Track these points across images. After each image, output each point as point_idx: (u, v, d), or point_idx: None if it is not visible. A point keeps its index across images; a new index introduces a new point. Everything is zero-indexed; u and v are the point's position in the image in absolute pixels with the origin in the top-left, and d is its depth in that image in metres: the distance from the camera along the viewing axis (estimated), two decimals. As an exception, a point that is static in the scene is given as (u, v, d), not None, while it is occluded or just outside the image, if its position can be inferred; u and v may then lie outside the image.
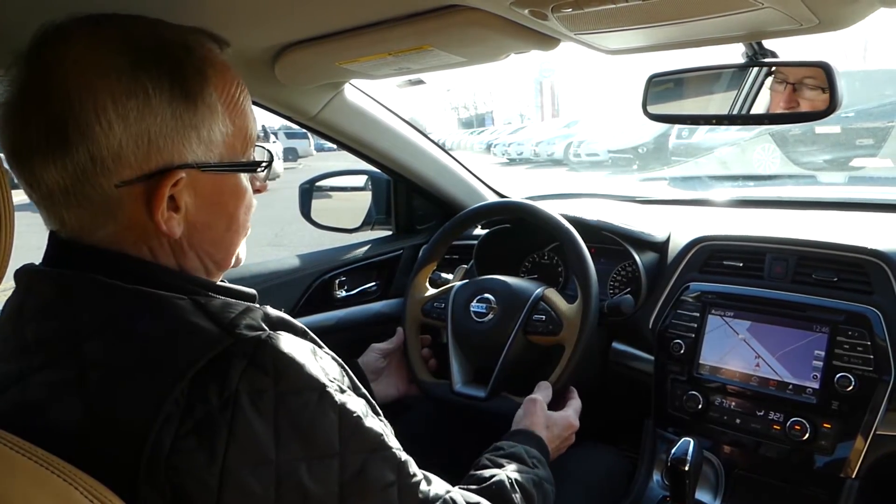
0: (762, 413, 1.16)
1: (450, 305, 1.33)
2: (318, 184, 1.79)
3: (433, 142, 1.69)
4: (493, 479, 0.81)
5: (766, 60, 0.99)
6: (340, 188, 1.86)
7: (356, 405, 0.61)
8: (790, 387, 1.13)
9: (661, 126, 10.01)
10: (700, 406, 1.21)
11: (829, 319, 1.13)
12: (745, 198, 1.72)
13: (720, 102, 1.07)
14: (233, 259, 0.71)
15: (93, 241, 0.61)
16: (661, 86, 1.14)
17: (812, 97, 1.00)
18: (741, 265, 1.28)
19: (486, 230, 1.64)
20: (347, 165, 1.86)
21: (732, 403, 1.19)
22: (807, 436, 1.10)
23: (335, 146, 1.59)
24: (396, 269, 1.74)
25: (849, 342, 1.10)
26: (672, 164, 10.94)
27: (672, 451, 0.99)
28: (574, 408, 1.16)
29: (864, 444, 1.06)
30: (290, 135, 19.24)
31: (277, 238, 7.21)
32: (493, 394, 1.22)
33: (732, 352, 1.20)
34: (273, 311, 0.64)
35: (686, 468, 0.97)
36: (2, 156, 0.61)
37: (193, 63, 0.62)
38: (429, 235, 1.61)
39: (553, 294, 1.28)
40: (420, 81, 1.38)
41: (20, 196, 0.62)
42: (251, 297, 0.68)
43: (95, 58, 0.58)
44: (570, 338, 1.21)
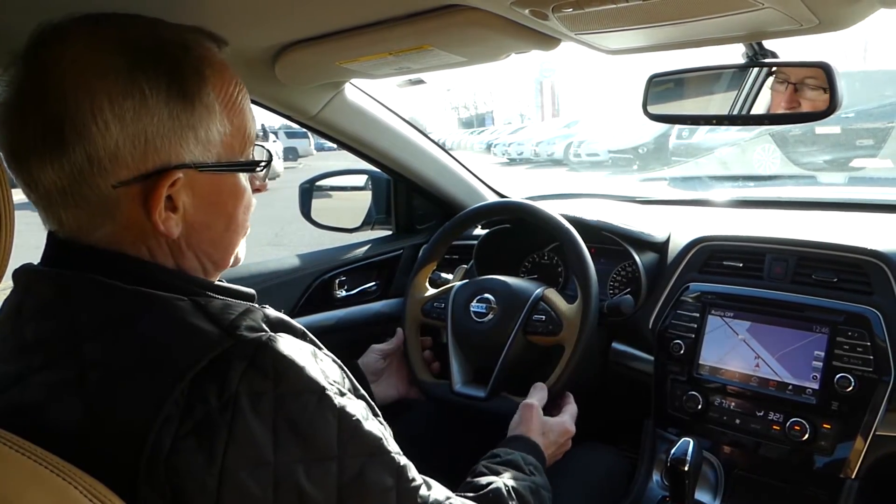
0: (762, 413, 1.16)
1: (450, 305, 1.33)
2: (319, 183, 1.78)
3: (433, 142, 1.68)
4: (491, 487, 0.80)
5: (767, 61, 0.99)
6: (340, 188, 1.86)
7: (355, 408, 0.61)
8: (790, 387, 1.13)
9: (662, 126, 10.02)
10: (700, 406, 1.21)
11: (829, 320, 1.13)
12: (745, 198, 1.72)
13: (720, 103, 1.07)
14: (231, 259, 0.71)
15: (91, 242, 0.61)
16: (662, 86, 1.14)
17: (813, 97, 1.00)
18: (741, 265, 1.28)
19: (486, 230, 1.64)
20: (347, 165, 1.86)
21: (732, 404, 1.19)
22: (806, 436, 1.10)
23: (335, 146, 1.59)
24: (396, 269, 1.74)
25: (848, 343, 1.10)
26: (672, 165, 10.93)
27: (672, 452, 0.99)
28: (570, 413, 1.16)
29: (864, 445, 1.06)
30: (291, 134, 19.23)
31: (277, 238, 7.20)
32: (493, 394, 1.22)
33: (732, 352, 1.20)
34: (272, 312, 0.64)
35: (686, 468, 0.97)
36: (1, 155, 0.61)
37: (191, 63, 0.62)
38: (429, 235, 1.61)
39: (553, 294, 1.28)
40: (420, 81, 1.38)
41: (20, 195, 0.62)
42: (250, 297, 0.68)
43: (93, 58, 0.58)
44: (570, 338, 1.21)
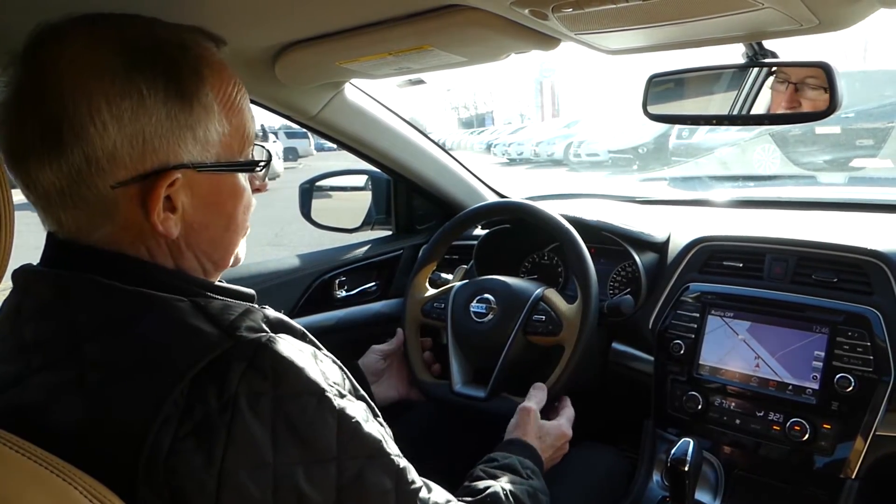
0: (762, 414, 1.16)
1: (450, 306, 1.33)
2: (318, 184, 1.78)
3: (433, 142, 1.68)
4: (489, 492, 0.80)
5: (767, 61, 0.99)
6: (340, 188, 1.86)
7: (355, 410, 0.61)
8: (790, 387, 1.13)
9: (662, 126, 10.02)
10: (700, 406, 1.21)
11: (829, 320, 1.13)
12: (745, 198, 1.72)
13: (720, 103, 1.07)
14: (231, 259, 0.71)
15: (90, 242, 0.61)
16: (662, 86, 1.14)
17: (814, 97, 1.00)
18: (741, 266, 1.28)
19: (486, 230, 1.64)
20: (347, 165, 1.86)
21: (732, 404, 1.19)
22: (806, 436, 1.10)
23: (335, 146, 1.59)
24: (396, 269, 1.74)
25: (848, 343, 1.10)
26: (672, 165, 10.93)
27: (672, 452, 0.99)
28: (567, 416, 1.16)
29: (864, 445, 1.06)
30: (291, 134, 19.23)
31: (277, 238, 7.20)
32: (493, 394, 1.22)
33: (732, 352, 1.20)
34: (272, 313, 0.64)
35: (686, 468, 0.97)
36: (1, 156, 0.61)
37: (189, 63, 0.62)
38: (429, 235, 1.61)
39: (553, 294, 1.28)
40: (420, 81, 1.38)
41: (20, 196, 0.62)
42: (249, 298, 0.68)
43: (90, 58, 0.58)
44: (570, 338, 1.21)
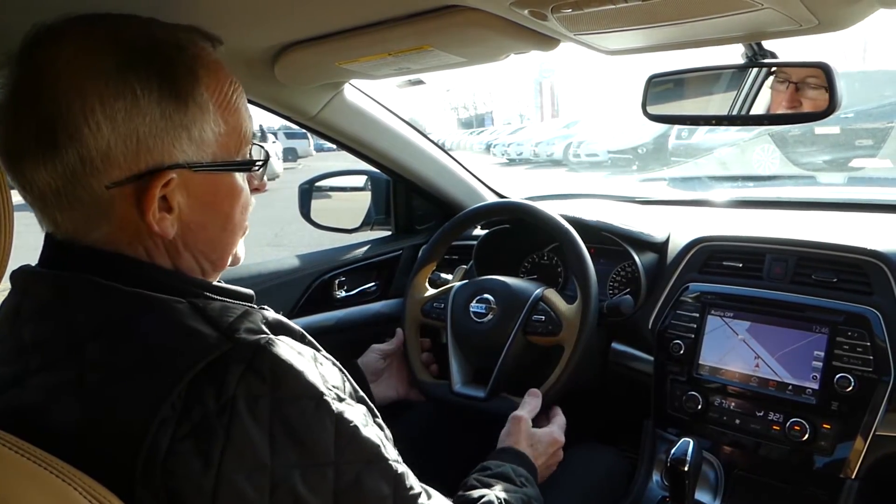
0: (762, 413, 1.16)
1: (449, 306, 1.33)
2: (318, 184, 1.78)
3: (433, 142, 1.68)
4: (483, 500, 0.79)
5: (766, 61, 0.99)
6: (340, 188, 1.86)
7: (354, 414, 0.60)
8: (790, 387, 1.13)
9: (661, 126, 10.03)
10: (699, 406, 1.21)
11: (829, 320, 1.13)
12: (745, 198, 1.72)
13: (720, 103, 1.07)
14: (230, 259, 0.70)
15: (88, 243, 0.61)
16: (661, 86, 1.14)
17: (815, 96, 0.99)
18: (741, 266, 1.28)
19: (486, 230, 1.64)
20: (347, 165, 1.86)
21: (732, 404, 1.19)
22: (806, 436, 1.10)
23: (335, 146, 1.59)
24: (396, 270, 1.74)
25: (848, 343, 1.10)
26: (671, 165, 10.94)
27: (671, 452, 0.99)
28: (558, 424, 1.15)
29: (864, 445, 1.06)
30: (290, 135, 19.24)
31: (277, 238, 7.20)
32: (493, 394, 1.22)
33: (732, 352, 1.20)
34: (271, 314, 0.64)
35: (685, 468, 0.97)
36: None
37: (184, 62, 0.61)
38: (428, 235, 1.61)
39: (553, 294, 1.28)
40: (420, 81, 1.38)
41: (20, 196, 0.62)
42: (248, 298, 0.68)
43: (86, 59, 0.58)
44: (570, 338, 1.21)
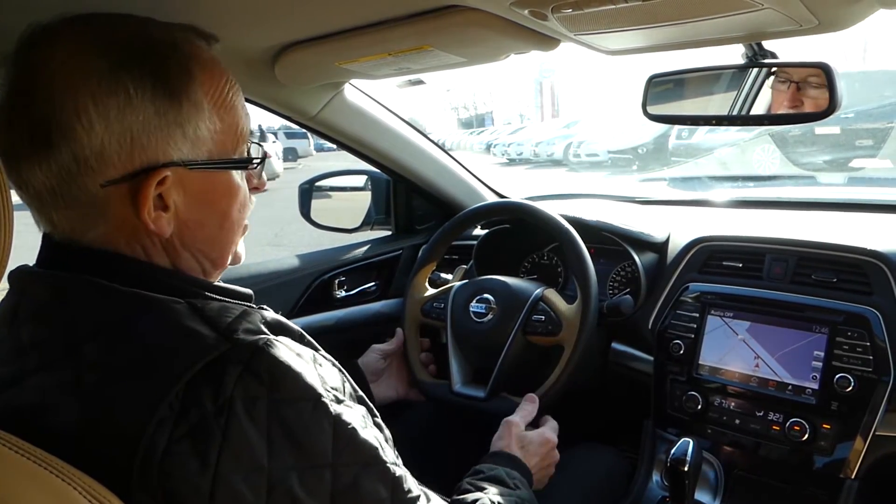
0: (761, 413, 1.16)
1: (449, 305, 1.33)
2: (318, 184, 1.78)
3: (433, 142, 1.68)
4: None
5: (766, 61, 0.99)
6: (340, 188, 1.86)
7: (352, 416, 0.60)
8: (789, 387, 1.13)
9: (661, 126, 10.02)
10: (699, 406, 1.21)
11: (829, 320, 1.13)
12: (745, 198, 1.72)
13: (720, 103, 1.07)
14: (230, 257, 0.70)
15: (85, 242, 0.61)
16: (661, 86, 1.14)
17: (816, 96, 0.99)
18: (741, 266, 1.28)
19: (486, 230, 1.64)
20: (347, 165, 1.86)
21: (732, 404, 1.19)
22: (806, 436, 1.10)
23: (335, 146, 1.59)
24: (396, 269, 1.74)
25: (848, 343, 1.10)
26: (672, 165, 10.94)
27: (671, 452, 0.99)
28: (550, 426, 1.14)
29: (864, 445, 1.06)
30: (290, 135, 19.25)
31: (277, 238, 7.20)
32: (493, 394, 1.22)
33: (732, 352, 1.20)
34: (270, 315, 0.63)
35: (685, 468, 0.97)
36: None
37: (179, 60, 0.61)
38: (428, 235, 1.61)
39: (552, 294, 1.28)
40: (420, 81, 1.38)
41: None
42: (247, 298, 0.68)
43: (80, 59, 0.58)
44: (570, 338, 1.21)
